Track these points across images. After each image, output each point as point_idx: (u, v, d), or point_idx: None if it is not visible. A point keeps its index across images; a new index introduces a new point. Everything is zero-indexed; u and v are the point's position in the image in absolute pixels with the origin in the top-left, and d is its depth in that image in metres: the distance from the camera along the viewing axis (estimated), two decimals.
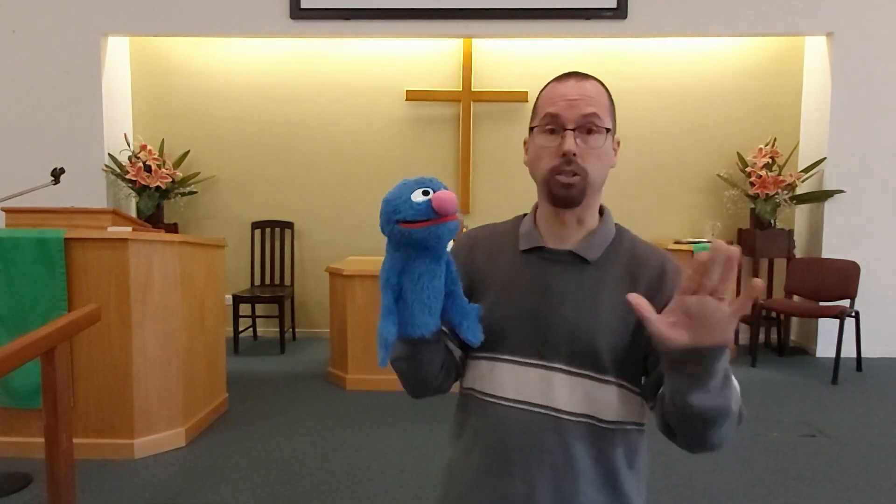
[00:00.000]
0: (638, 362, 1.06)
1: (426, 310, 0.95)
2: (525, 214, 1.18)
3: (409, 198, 0.90)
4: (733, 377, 0.92)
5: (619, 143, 1.11)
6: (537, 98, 1.10)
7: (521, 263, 1.09)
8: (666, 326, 0.83)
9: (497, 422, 1.05)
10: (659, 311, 0.88)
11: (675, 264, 1.09)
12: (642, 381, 1.07)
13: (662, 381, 0.96)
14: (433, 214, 0.89)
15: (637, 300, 0.84)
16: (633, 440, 1.08)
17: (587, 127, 1.03)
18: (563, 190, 1.03)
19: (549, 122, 1.04)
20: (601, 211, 1.13)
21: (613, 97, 1.13)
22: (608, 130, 1.05)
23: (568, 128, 1.02)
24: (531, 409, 1.03)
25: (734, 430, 0.94)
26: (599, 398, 1.03)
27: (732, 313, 0.79)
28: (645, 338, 1.02)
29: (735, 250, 0.76)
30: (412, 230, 0.90)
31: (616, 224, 1.13)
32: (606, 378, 1.03)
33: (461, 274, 1.06)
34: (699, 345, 0.82)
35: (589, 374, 1.03)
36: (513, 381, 1.05)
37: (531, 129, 1.08)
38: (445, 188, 0.92)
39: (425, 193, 0.90)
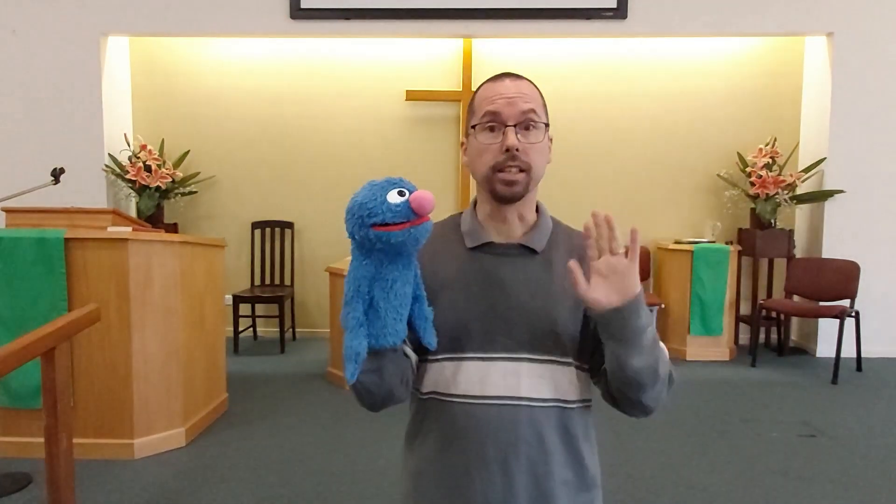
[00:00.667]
0: (587, 341, 1.10)
1: (398, 318, 0.92)
2: (460, 213, 1.19)
3: (385, 199, 0.85)
4: (662, 344, 1.05)
5: (551, 139, 1.14)
6: (472, 98, 1.12)
7: (470, 261, 1.11)
8: (593, 290, 0.95)
9: (469, 422, 1.05)
10: None
11: None
12: (591, 358, 1.12)
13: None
14: (412, 215, 0.85)
15: (574, 265, 0.95)
16: (587, 416, 1.13)
17: (526, 123, 1.06)
18: (507, 187, 1.06)
19: (489, 120, 1.06)
20: (538, 207, 1.17)
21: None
22: (546, 125, 1.09)
23: (509, 124, 1.05)
24: (501, 402, 1.05)
25: (666, 393, 1.05)
26: (564, 381, 1.07)
27: (631, 260, 0.94)
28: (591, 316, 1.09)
29: (608, 214, 0.94)
30: (391, 234, 0.85)
31: (550, 216, 1.18)
32: (567, 360, 1.08)
33: None
34: (617, 303, 0.94)
35: (553, 358, 1.07)
36: (478, 378, 1.06)
37: (471, 127, 1.10)
38: (416, 188, 0.89)
39: (401, 194, 0.86)
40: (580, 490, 1.10)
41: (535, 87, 1.11)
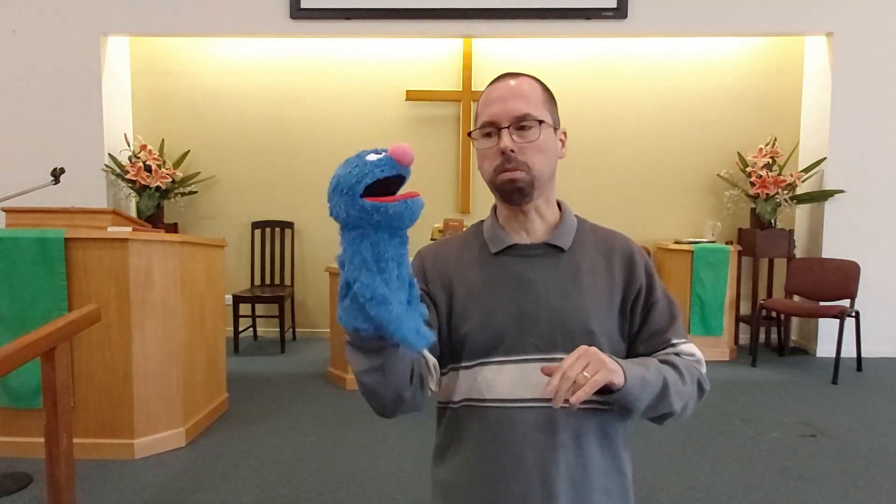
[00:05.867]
0: (624, 339, 1.09)
1: (402, 302, 0.85)
2: (481, 222, 1.18)
3: (365, 160, 0.81)
4: (685, 372, 1.03)
5: (565, 134, 1.12)
6: (478, 103, 1.12)
7: (496, 265, 1.10)
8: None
9: (505, 426, 1.03)
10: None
11: (638, 246, 1.15)
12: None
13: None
14: (396, 166, 0.80)
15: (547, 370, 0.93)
16: (626, 420, 1.11)
17: (518, 124, 1.04)
18: (510, 184, 1.05)
19: (485, 127, 1.07)
20: (559, 205, 1.16)
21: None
22: (541, 122, 1.05)
23: (502, 126, 1.04)
24: (538, 405, 1.02)
25: (696, 403, 1.08)
26: None
27: (590, 383, 0.89)
28: (628, 314, 1.09)
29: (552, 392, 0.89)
30: (388, 204, 0.80)
31: (575, 214, 1.17)
32: None
33: (437, 284, 1.09)
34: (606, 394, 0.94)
35: None
36: (514, 381, 1.04)
37: (469, 134, 1.11)
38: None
39: (376, 153, 0.82)
40: (620, 499, 1.08)
41: (539, 82, 1.09)
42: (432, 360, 1.07)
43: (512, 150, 1.03)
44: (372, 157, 0.81)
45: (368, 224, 0.81)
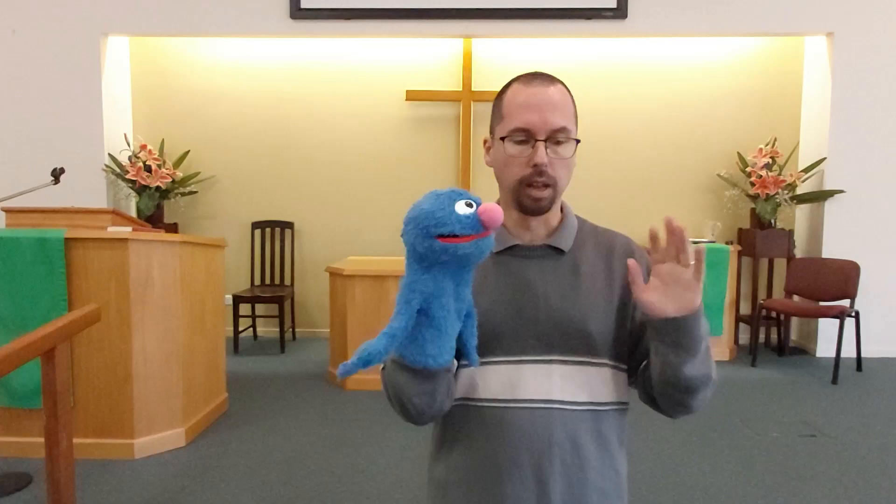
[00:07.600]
0: (624, 340, 1.09)
1: (454, 334, 0.89)
2: None
3: (454, 210, 0.81)
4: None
5: (578, 141, 1.12)
6: (502, 98, 1.09)
7: (497, 265, 1.09)
8: (649, 292, 0.95)
9: (500, 426, 1.03)
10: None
11: (639, 247, 1.16)
12: (629, 359, 1.10)
13: (645, 358, 1.07)
14: (480, 228, 0.82)
15: (634, 264, 0.95)
16: (623, 419, 1.11)
17: (557, 139, 1.04)
18: (535, 203, 1.05)
19: (518, 133, 1.05)
20: (561, 206, 1.16)
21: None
22: (577, 141, 1.07)
23: (539, 139, 1.03)
24: (534, 405, 1.03)
25: (710, 394, 1.06)
26: (597, 382, 1.06)
27: (694, 277, 0.94)
28: (629, 315, 1.09)
29: (681, 224, 0.93)
30: (458, 245, 0.81)
31: (576, 215, 1.17)
32: (601, 361, 1.06)
33: None
34: (674, 313, 0.94)
35: (585, 359, 1.05)
36: (510, 381, 1.04)
37: (500, 136, 1.06)
38: (480, 200, 0.85)
39: (468, 206, 0.82)
40: (616, 498, 1.08)
41: (567, 90, 1.08)
42: (454, 368, 1.08)
43: (545, 165, 1.03)
44: (461, 210, 0.81)
45: (435, 261, 0.83)
